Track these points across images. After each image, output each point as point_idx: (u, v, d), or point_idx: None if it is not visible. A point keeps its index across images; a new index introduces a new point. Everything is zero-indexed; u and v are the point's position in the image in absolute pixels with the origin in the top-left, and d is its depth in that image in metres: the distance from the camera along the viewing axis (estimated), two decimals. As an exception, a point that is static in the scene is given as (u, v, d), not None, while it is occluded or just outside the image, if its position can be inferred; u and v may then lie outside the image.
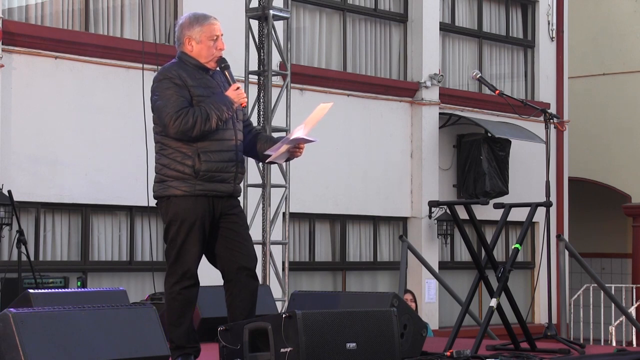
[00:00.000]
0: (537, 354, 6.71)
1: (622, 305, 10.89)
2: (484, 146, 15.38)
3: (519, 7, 17.15)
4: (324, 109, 5.90)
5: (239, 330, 5.74)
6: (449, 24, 15.89)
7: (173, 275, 5.83)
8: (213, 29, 5.93)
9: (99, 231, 11.79)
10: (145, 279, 11.84)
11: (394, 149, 14.70)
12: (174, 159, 5.81)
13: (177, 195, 5.79)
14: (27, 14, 11.46)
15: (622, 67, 19.16)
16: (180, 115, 5.72)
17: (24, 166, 10.97)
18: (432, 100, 15.04)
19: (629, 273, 19.40)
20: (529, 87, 17.17)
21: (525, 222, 7.03)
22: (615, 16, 19.39)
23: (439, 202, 7.26)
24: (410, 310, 6.57)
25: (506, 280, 6.80)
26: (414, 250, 10.66)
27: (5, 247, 10.82)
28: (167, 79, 5.82)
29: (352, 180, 14.15)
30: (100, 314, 5.20)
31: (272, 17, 10.41)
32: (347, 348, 5.60)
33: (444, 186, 15.28)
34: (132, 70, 11.62)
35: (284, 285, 10.67)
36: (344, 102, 13.95)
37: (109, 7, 12.03)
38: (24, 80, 11.05)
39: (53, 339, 4.90)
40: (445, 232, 14.93)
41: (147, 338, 5.32)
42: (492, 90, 7.42)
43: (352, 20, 14.70)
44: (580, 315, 17.78)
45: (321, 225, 14.20)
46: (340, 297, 7.05)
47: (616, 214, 19.58)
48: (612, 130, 19.15)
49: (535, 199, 11.71)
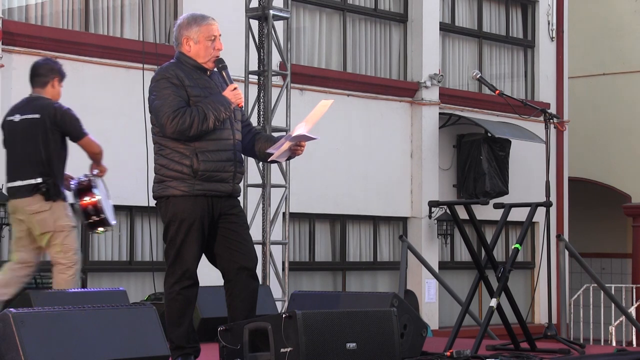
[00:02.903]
0: (537, 354, 6.71)
1: (622, 305, 10.88)
2: (484, 146, 15.38)
3: (519, 7, 17.15)
4: (325, 105, 5.90)
5: (239, 330, 5.75)
6: (449, 24, 15.90)
7: (172, 275, 5.83)
8: (211, 29, 5.93)
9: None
10: (145, 279, 11.84)
11: (394, 149, 14.70)
12: (172, 159, 5.81)
13: (176, 195, 5.80)
14: (27, 14, 11.47)
15: (622, 67, 19.17)
16: (177, 115, 5.72)
17: (24, 166, 10.96)
18: (432, 100, 15.05)
19: (629, 273, 19.41)
20: (529, 87, 17.18)
21: (525, 222, 7.04)
22: (615, 16, 19.39)
23: (439, 202, 7.27)
24: (410, 310, 6.57)
25: (506, 280, 6.80)
26: (414, 250, 10.66)
27: (6, 247, 10.82)
28: (165, 78, 5.82)
29: (352, 180, 14.15)
30: (100, 314, 5.20)
31: (272, 17, 10.42)
32: (347, 348, 5.60)
33: (444, 186, 15.28)
34: (132, 70, 11.62)
35: (284, 285, 10.67)
36: (344, 102, 13.95)
37: (109, 7, 12.03)
38: (24, 80, 10.95)
39: (53, 339, 4.90)
40: (445, 232, 14.94)
41: (147, 338, 5.32)
42: (492, 90, 7.42)
43: (352, 20, 14.70)
44: (580, 315, 17.78)
45: (321, 225, 14.20)
46: (340, 297, 7.05)
47: (616, 214, 19.59)
48: (612, 130, 19.15)
49: (535, 199, 11.70)
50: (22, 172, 7.55)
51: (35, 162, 7.50)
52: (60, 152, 7.64)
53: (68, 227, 7.62)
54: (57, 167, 7.57)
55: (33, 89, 7.73)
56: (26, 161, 7.53)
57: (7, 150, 7.70)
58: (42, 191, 7.46)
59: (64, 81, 7.84)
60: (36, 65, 7.77)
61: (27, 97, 7.74)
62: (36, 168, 7.50)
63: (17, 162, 7.58)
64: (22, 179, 7.53)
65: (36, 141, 7.48)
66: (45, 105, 7.57)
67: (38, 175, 7.48)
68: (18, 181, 7.55)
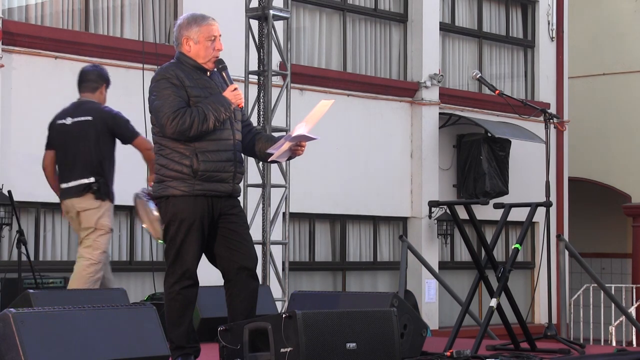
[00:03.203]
0: (537, 354, 6.71)
1: (622, 305, 10.88)
2: (484, 146, 15.38)
3: (519, 7, 17.15)
4: (325, 105, 5.89)
5: (239, 330, 5.75)
6: (449, 24, 15.90)
7: (172, 275, 5.84)
8: (211, 30, 5.93)
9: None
10: (145, 279, 11.84)
11: (394, 149, 14.70)
12: (172, 159, 5.81)
13: (176, 195, 5.80)
14: (27, 14, 11.46)
15: (622, 67, 19.16)
16: (177, 116, 5.72)
17: (24, 166, 10.96)
18: (432, 100, 15.04)
19: (629, 273, 19.40)
20: (529, 87, 17.18)
21: (525, 222, 7.04)
22: (615, 16, 19.39)
23: (439, 202, 7.27)
24: (410, 310, 6.57)
25: (506, 280, 6.80)
26: (414, 250, 10.66)
27: (5, 247, 10.82)
28: (165, 79, 5.82)
29: (352, 180, 14.15)
30: (100, 314, 5.20)
31: (272, 17, 10.41)
32: (347, 348, 5.60)
33: (444, 186, 15.28)
34: (132, 70, 11.61)
35: (284, 285, 10.67)
36: (344, 102, 13.95)
37: (109, 7, 12.03)
38: (24, 80, 11.05)
39: (53, 339, 4.90)
40: (445, 232, 14.94)
41: (147, 338, 5.32)
42: (492, 90, 7.42)
43: (352, 20, 14.70)
44: (580, 315, 17.78)
45: (321, 225, 14.20)
46: (340, 298, 7.05)
47: (616, 214, 19.58)
48: (612, 130, 19.15)
49: (535, 199, 11.70)
50: (75, 172, 7.77)
51: (88, 162, 7.73)
52: (111, 155, 7.91)
53: (107, 228, 7.83)
54: (108, 168, 7.83)
55: (81, 94, 7.97)
56: (79, 162, 7.75)
57: (58, 153, 7.91)
58: (93, 190, 7.71)
59: (109, 88, 8.08)
60: (85, 71, 8.02)
61: (76, 102, 7.98)
62: (89, 168, 7.73)
63: (70, 163, 7.80)
64: (76, 179, 7.76)
65: (89, 142, 7.71)
66: (97, 109, 7.83)
67: (90, 174, 7.72)
68: (72, 181, 7.77)
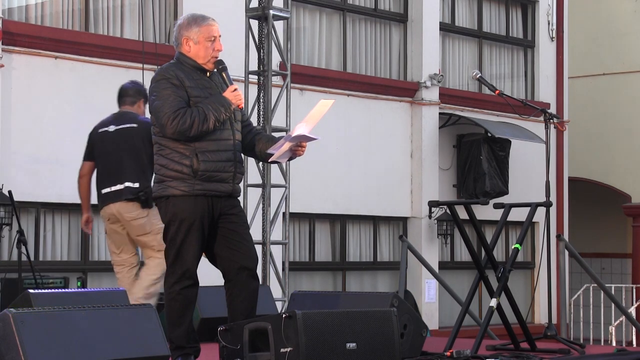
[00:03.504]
0: (537, 354, 6.71)
1: (622, 305, 10.88)
2: (484, 146, 15.38)
3: (519, 7, 17.15)
4: (326, 105, 5.88)
5: (239, 330, 5.75)
6: (449, 24, 15.89)
7: (172, 275, 5.84)
8: (211, 30, 5.92)
9: (99, 231, 11.76)
10: (145, 279, 11.82)
11: (394, 149, 14.70)
12: (172, 159, 5.82)
13: (176, 195, 5.80)
14: (27, 14, 11.46)
15: (622, 67, 19.16)
16: (177, 116, 5.72)
17: (24, 166, 10.97)
18: (432, 100, 15.04)
19: (629, 273, 19.40)
20: (529, 87, 17.18)
21: (525, 222, 7.04)
22: (615, 16, 19.39)
23: (439, 202, 7.27)
24: (410, 310, 6.57)
25: (506, 280, 6.80)
26: (414, 250, 10.66)
27: (5, 247, 10.82)
28: (165, 79, 5.82)
29: (352, 180, 14.15)
30: (100, 314, 5.20)
31: (272, 17, 10.41)
32: (347, 348, 5.60)
33: (444, 186, 15.28)
34: (132, 70, 11.60)
35: (284, 285, 10.67)
36: (344, 102, 13.95)
37: (109, 7, 12.03)
38: (24, 80, 11.05)
39: (53, 339, 4.90)
40: (445, 232, 14.94)
41: (147, 338, 5.32)
42: (492, 90, 7.42)
43: (352, 20, 14.70)
44: (580, 315, 17.78)
45: (321, 225, 14.20)
46: (340, 297, 7.05)
47: (616, 214, 19.58)
48: (612, 130, 19.15)
49: (535, 199, 11.71)
50: (119, 177, 7.88)
51: (134, 168, 7.86)
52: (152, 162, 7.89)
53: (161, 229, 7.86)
54: (150, 175, 7.83)
55: (121, 107, 8.19)
56: (123, 167, 7.87)
57: (99, 160, 8.04)
58: (140, 200, 7.82)
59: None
60: (125, 88, 8.31)
61: (116, 112, 8.20)
62: (134, 173, 7.85)
63: (114, 169, 7.91)
64: (121, 183, 7.87)
65: (134, 148, 7.86)
66: (140, 119, 8.01)
67: (136, 180, 7.84)
68: (117, 185, 7.88)
